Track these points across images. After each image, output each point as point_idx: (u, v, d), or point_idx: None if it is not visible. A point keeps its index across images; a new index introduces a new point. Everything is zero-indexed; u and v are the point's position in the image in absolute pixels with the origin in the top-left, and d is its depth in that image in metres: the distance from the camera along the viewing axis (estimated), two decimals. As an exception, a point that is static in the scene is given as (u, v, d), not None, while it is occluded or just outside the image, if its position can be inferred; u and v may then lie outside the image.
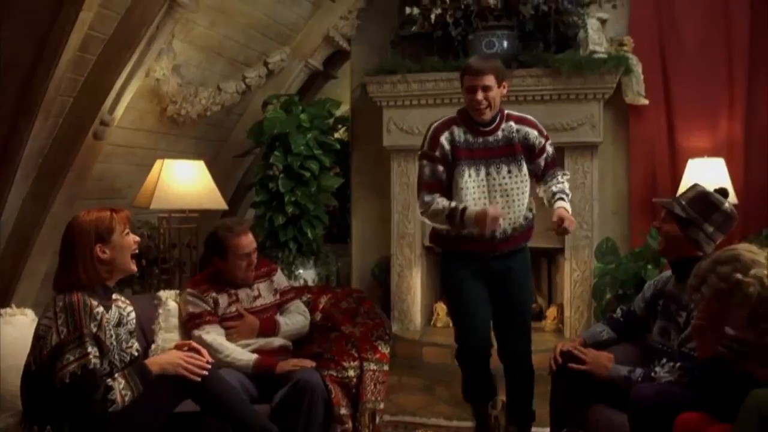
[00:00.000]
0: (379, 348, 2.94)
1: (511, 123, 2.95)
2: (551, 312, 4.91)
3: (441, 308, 5.04)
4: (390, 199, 4.96)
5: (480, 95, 2.82)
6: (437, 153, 2.91)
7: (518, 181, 2.95)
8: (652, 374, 2.32)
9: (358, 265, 5.30)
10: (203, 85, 4.66)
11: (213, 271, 3.01)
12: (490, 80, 2.82)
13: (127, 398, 2.12)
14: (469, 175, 2.90)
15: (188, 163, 4.17)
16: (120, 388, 2.13)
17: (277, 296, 3.10)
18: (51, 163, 3.81)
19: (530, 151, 2.98)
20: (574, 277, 4.68)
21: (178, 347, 2.41)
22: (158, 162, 4.10)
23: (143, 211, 4.39)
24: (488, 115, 2.88)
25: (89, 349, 2.07)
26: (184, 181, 4.08)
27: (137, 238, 2.28)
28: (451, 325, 5.01)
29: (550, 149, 3.04)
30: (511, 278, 3.02)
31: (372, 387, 2.86)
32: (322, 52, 5.49)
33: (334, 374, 2.82)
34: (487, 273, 2.99)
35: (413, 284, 4.95)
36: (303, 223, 4.88)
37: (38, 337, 2.14)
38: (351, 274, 5.39)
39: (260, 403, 2.63)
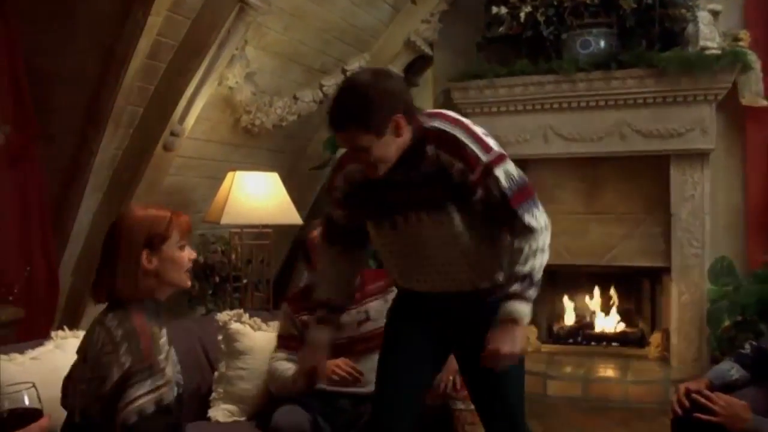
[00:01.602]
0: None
1: (429, 146, 1.86)
2: (655, 338, 4.45)
3: (531, 332, 4.66)
4: (476, 213, 4.61)
5: (362, 159, 1.85)
6: (336, 193, 2.05)
7: (453, 234, 1.92)
8: None
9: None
10: (278, 94, 4.46)
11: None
12: (359, 137, 1.79)
13: None
14: (380, 228, 2.02)
15: (261, 175, 3.97)
16: None
17: None
18: (121, 176, 3.69)
19: (458, 188, 1.87)
20: (683, 300, 4.20)
21: None
22: (230, 174, 3.91)
23: (216, 227, 4.22)
24: (383, 169, 1.87)
25: (159, 382, 1.63)
26: (257, 195, 3.87)
27: (193, 254, 1.84)
28: (542, 349, 4.72)
29: (494, 183, 1.83)
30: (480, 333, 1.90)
31: (459, 429, 2.52)
32: (403, 59, 5.23)
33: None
34: (446, 326, 2.09)
35: (501, 305, 4.57)
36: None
37: (89, 375, 1.67)
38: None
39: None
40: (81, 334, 2.47)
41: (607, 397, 4.09)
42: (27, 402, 1.22)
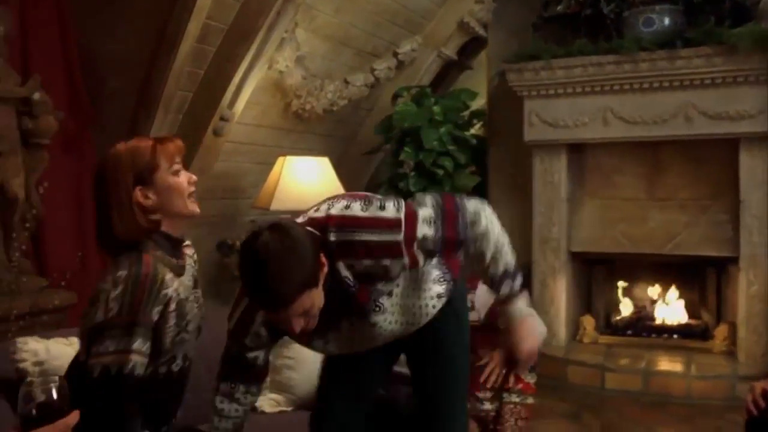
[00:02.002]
0: (523, 377, 2.48)
1: (339, 265, 1.64)
2: (720, 331, 4.23)
3: (588, 322, 4.50)
4: (531, 199, 4.47)
5: (300, 323, 1.57)
6: (249, 342, 1.76)
7: (398, 294, 1.77)
8: None
9: (495, 271, 4.83)
10: (329, 77, 4.40)
11: None
12: (308, 300, 1.54)
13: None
14: (325, 342, 1.80)
15: (312, 160, 3.91)
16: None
17: None
18: (172, 162, 3.66)
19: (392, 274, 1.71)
20: (752, 291, 3.98)
21: None
22: (280, 159, 3.87)
23: (266, 213, 4.19)
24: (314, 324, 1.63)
25: (134, 345, 1.54)
26: (307, 180, 3.81)
27: (193, 177, 1.69)
28: (599, 341, 4.57)
29: (421, 243, 1.66)
30: (428, 342, 1.87)
31: (512, 423, 2.42)
32: (456, 40, 5.13)
33: (469, 407, 2.39)
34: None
35: (557, 294, 4.43)
36: (435, 225, 4.47)
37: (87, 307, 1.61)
38: (487, 282, 4.93)
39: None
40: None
41: (668, 391, 3.92)
42: (55, 396, 1.18)
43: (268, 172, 4.01)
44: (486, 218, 1.75)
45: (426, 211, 1.67)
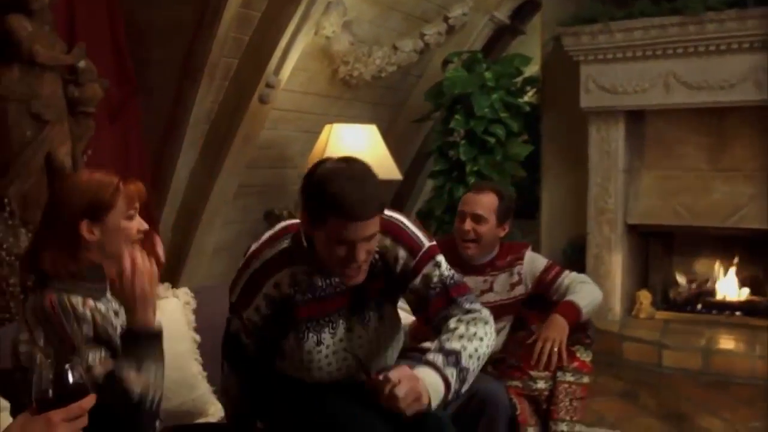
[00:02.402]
0: (578, 354, 2.35)
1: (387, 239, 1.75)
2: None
3: (645, 297, 4.35)
4: (587, 169, 4.31)
5: (363, 252, 1.61)
6: (250, 316, 1.74)
7: (390, 327, 1.87)
8: None
9: (547, 244, 4.69)
10: (377, 43, 4.28)
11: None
12: (376, 224, 1.61)
13: (155, 376, 1.51)
14: (318, 342, 1.76)
15: (359, 128, 3.84)
16: (137, 380, 1.48)
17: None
18: (217, 130, 3.64)
19: (402, 280, 1.78)
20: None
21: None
22: (327, 127, 3.80)
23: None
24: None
25: (90, 361, 1.48)
26: (355, 148, 3.71)
27: (144, 225, 1.63)
28: (656, 316, 4.40)
29: (434, 271, 1.76)
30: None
31: (567, 404, 2.30)
32: (509, 4, 4.98)
33: (520, 386, 2.35)
34: None
35: (613, 268, 4.28)
36: (485, 195, 4.35)
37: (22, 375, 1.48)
38: (539, 255, 4.81)
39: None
40: (179, 292, 2.43)
41: (730, 371, 3.74)
42: (71, 379, 1.15)
43: (315, 140, 3.94)
44: (488, 317, 1.80)
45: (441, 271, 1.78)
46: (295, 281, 1.70)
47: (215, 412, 2.30)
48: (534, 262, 2.52)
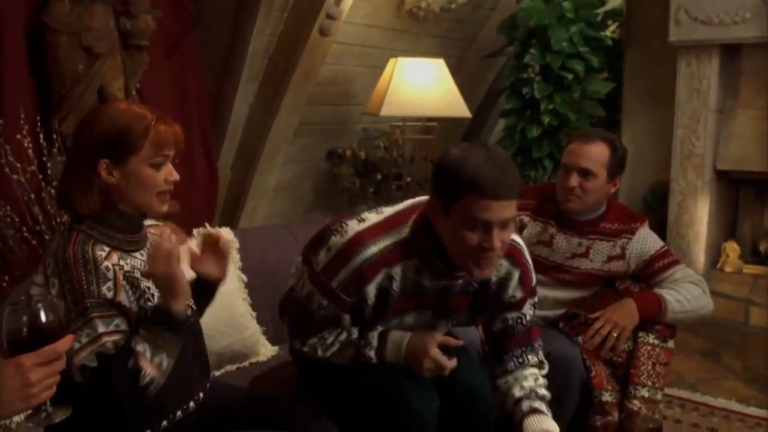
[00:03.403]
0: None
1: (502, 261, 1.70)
2: None
3: (732, 249, 4.04)
4: (673, 109, 3.97)
5: (501, 236, 1.53)
6: (349, 298, 1.65)
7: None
8: None
9: (626, 190, 4.39)
10: (447, -29, 4.00)
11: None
12: (515, 207, 1.54)
13: (165, 365, 1.37)
14: (400, 323, 1.73)
15: (426, 62, 3.61)
16: (149, 361, 1.35)
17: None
18: (276, 64, 3.50)
19: (496, 305, 1.77)
20: None
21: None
22: (391, 61, 3.59)
23: (377, 120, 3.95)
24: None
25: (100, 329, 1.33)
26: (421, 84, 3.53)
27: (175, 176, 1.45)
28: (744, 270, 4.10)
29: (529, 311, 1.79)
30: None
31: (649, 368, 2.09)
32: (593, -74, 4.51)
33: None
34: None
35: (698, 217, 3.96)
36: (562, 136, 4.11)
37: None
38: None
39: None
40: (229, 231, 2.32)
41: (826, 333, 3.45)
42: (44, 318, 1.08)
43: (379, 76, 3.74)
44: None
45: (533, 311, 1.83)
46: (405, 277, 1.63)
47: (265, 352, 2.26)
48: (646, 241, 2.24)
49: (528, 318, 1.77)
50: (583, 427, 2.08)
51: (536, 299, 1.82)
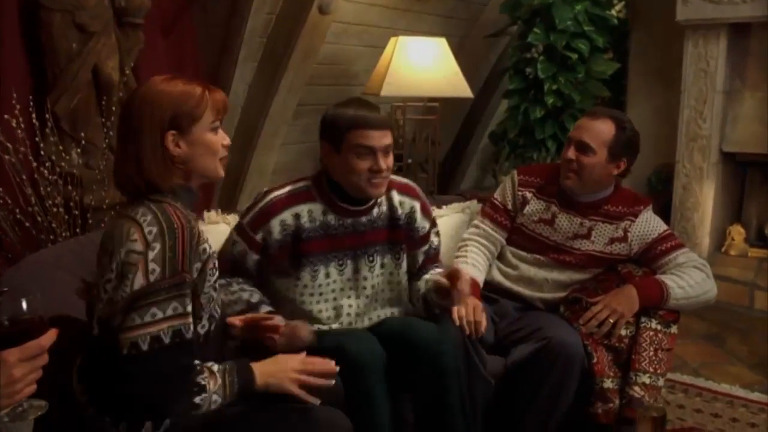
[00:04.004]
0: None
1: (393, 192, 1.97)
2: None
3: (737, 232, 3.98)
4: (679, 90, 3.90)
5: (384, 160, 1.84)
6: (258, 237, 1.85)
7: (396, 282, 2.01)
8: None
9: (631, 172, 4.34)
10: (450, -52, 3.92)
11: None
12: (390, 138, 1.86)
13: (214, 406, 1.39)
14: (327, 275, 1.89)
15: (427, 41, 3.54)
16: (212, 389, 1.38)
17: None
18: (275, 43, 3.42)
19: (411, 239, 2.00)
20: None
21: (268, 328, 1.60)
22: (392, 40, 3.52)
23: (377, 100, 3.88)
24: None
25: (188, 307, 1.36)
26: (422, 63, 3.46)
27: (228, 141, 1.50)
28: (749, 254, 4.04)
29: (435, 240, 2.07)
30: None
31: (651, 353, 2.05)
32: None
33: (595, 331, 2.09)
34: None
35: (703, 200, 3.91)
36: (566, 117, 4.02)
37: (112, 278, 1.35)
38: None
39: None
40: (230, 218, 2.26)
41: (832, 318, 3.41)
42: (25, 309, 1.05)
43: (380, 56, 3.67)
44: None
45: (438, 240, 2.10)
46: (312, 217, 1.86)
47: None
48: (649, 224, 2.20)
49: (435, 244, 2.07)
50: (585, 414, 2.04)
51: (438, 228, 2.08)
